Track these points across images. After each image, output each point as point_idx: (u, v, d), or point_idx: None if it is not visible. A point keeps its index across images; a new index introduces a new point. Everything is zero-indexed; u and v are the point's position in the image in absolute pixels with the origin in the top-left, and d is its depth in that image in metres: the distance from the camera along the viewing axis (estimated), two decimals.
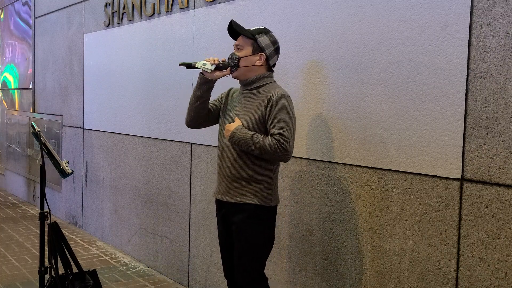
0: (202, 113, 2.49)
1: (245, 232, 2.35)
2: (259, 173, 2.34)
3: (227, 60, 2.40)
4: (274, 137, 2.24)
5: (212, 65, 2.36)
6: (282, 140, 2.23)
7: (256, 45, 2.37)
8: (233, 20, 2.39)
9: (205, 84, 2.43)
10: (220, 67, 2.38)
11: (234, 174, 2.35)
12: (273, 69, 2.47)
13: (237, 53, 2.39)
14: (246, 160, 2.33)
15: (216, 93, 2.59)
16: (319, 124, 2.69)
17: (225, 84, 2.68)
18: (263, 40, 2.37)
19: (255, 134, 2.28)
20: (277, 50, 2.43)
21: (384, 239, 2.42)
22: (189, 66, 2.40)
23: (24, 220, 5.73)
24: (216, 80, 2.44)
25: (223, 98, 2.54)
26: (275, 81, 2.44)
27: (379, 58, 2.42)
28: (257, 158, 2.32)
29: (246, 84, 2.41)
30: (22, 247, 4.68)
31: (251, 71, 2.39)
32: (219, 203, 2.47)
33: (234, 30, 2.40)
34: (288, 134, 2.25)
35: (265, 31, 2.40)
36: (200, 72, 2.42)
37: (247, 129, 2.30)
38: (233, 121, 2.38)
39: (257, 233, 2.36)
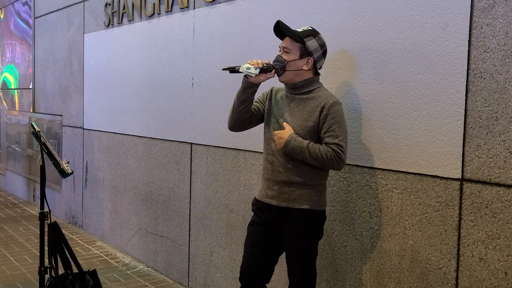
0: (245, 116, 2.43)
1: (299, 236, 2.33)
2: (311, 178, 2.31)
3: (271, 63, 2.33)
4: (330, 147, 2.21)
5: (256, 69, 2.29)
6: (338, 150, 2.20)
7: (304, 49, 2.29)
8: (281, 21, 2.31)
9: (250, 88, 2.36)
10: (264, 70, 2.30)
11: (286, 180, 2.32)
12: (320, 71, 2.40)
13: (284, 56, 2.31)
14: (298, 166, 2.30)
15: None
16: None
17: (267, 84, 2.59)
18: (311, 44, 2.29)
19: (310, 143, 2.23)
20: (324, 53, 2.35)
21: (384, 239, 2.42)
22: (233, 70, 2.33)
23: (24, 220, 5.73)
24: (260, 83, 2.38)
25: (266, 100, 2.47)
26: (322, 85, 2.38)
27: (379, 58, 2.42)
28: (309, 164, 2.29)
29: (294, 88, 2.35)
30: (22, 247, 4.68)
31: (298, 75, 2.32)
32: (267, 207, 2.39)
33: (281, 30, 2.33)
34: (343, 143, 2.22)
35: (313, 34, 2.31)
36: (244, 76, 2.35)
37: (300, 137, 2.26)
38: (281, 127, 2.33)
39: (310, 236, 2.35)
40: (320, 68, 2.39)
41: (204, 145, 3.58)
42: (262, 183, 2.45)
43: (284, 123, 2.33)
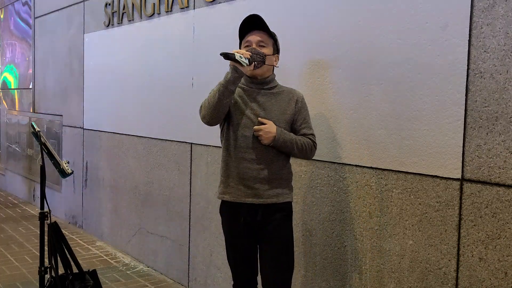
0: (227, 109, 2.32)
1: (284, 230, 2.36)
2: (287, 172, 2.40)
3: (251, 56, 2.26)
4: (309, 138, 2.37)
5: (246, 59, 2.22)
6: (314, 140, 2.39)
7: (275, 46, 2.41)
8: (260, 16, 2.33)
9: (240, 78, 2.25)
10: (250, 61, 2.24)
11: (267, 176, 2.31)
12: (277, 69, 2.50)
13: (262, 50, 2.32)
14: (278, 161, 2.34)
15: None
16: (319, 124, 2.69)
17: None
18: (278, 42, 2.45)
19: (294, 135, 2.35)
20: None
21: (384, 239, 2.42)
22: (228, 56, 2.17)
23: (24, 220, 5.73)
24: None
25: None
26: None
27: (379, 58, 2.42)
28: (286, 158, 2.39)
29: (262, 83, 2.37)
30: (22, 247, 4.68)
31: (268, 71, 2.39)
32: (248, 207, 2.32)
33: (251, 25, 2.33)
34: (314, 134, 2.42)
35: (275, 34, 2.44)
36: (234, 66, 2.21)
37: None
38: (255, 122, 2.30)
39: (291, 228, 2.41)
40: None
41: (204, 145, 3.58)
42: (233, 183, 2.33)
43: (264, 119, 2.29)
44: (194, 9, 3.64)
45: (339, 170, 2.61)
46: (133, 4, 4.33)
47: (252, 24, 2.35)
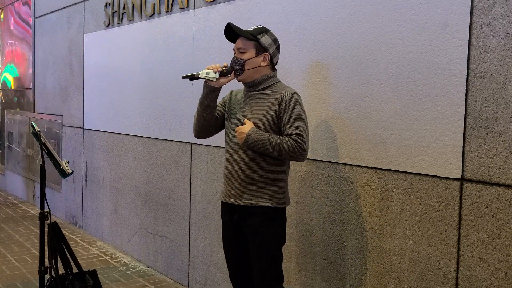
0: (211, 121, 2.43)
1: (262, 235, 2.32)
2: (273, 175, 2.33)
3: (229, 65, 2.35)
4: (291, 138, 2.24)
5: (215, 72, 2.31)
6: (299, 140, 2.23)
7: (259, 46, 2.34)
8: (231, 23, 2.35)
9: (212, 92, 2.36)
10: (224, 73, 2.32)
11: (248, 177, 2.32)
12: (276, 67, 2.45)
13: (240, 57, 2.34)
14: (259, 162, 2.31)
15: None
16: (319, 124, 2.69)
17: (228, 86, 2.64)
18: (265, 39, 2.35)
19: (271, 135, 2.26)
20: (278, 48, 2.41)
21: (384, 239, 2.42)
22: (193, 77, 2.35)
23: (24, 220, 5.73)
24: (222, 86, 2.38)
25: (227, 102, 2.49)
26: (280, 81, 2.43)
27: (379, 58, 2.42)
28: (271, 160, 2.31)
29: (253, 86, 2.38)
30: (22, 247, 4.68)
31: (256, 72, 2.35)
32: (230, 207, 2.40)
33: (233, 32, 2.35)
34: (304, 133, 2.26)
35: (265, 30, 2.37)
36: (205, 81, 2.36)
37: (262, 130, 2.28)
38: (242, 124, 2.35)
39: (273, 235, 2.35)
40: (276, 64, 2.43)
41: (204, 145, 3.58)
42: (224, 184, 2.44)
43: (245, 120, 2.34)
44: (194, 9, 3.64)
45: (339, 170, 2.61)
46: (133, 4, 4.33)
47: (232, 33, 2.37)
